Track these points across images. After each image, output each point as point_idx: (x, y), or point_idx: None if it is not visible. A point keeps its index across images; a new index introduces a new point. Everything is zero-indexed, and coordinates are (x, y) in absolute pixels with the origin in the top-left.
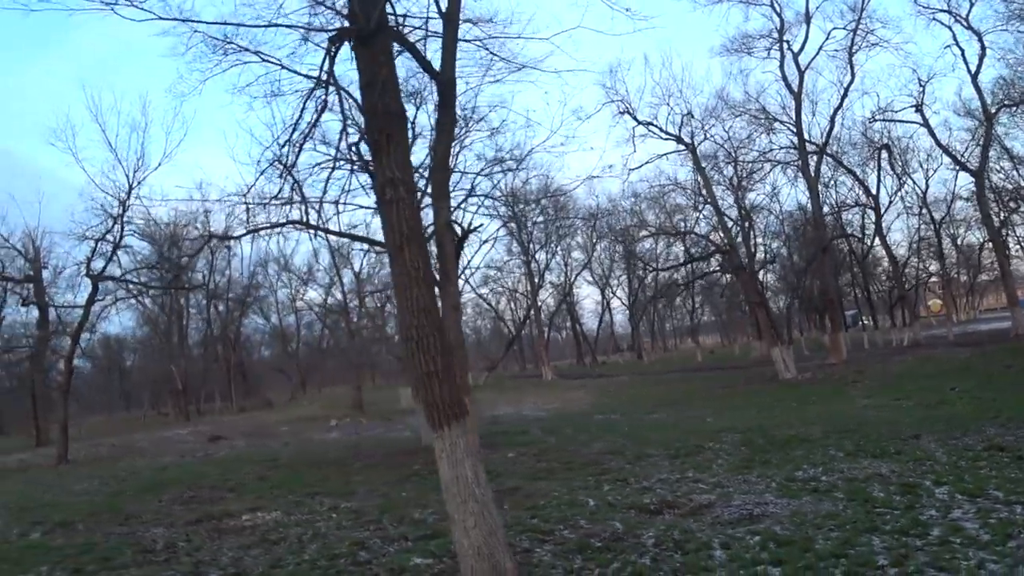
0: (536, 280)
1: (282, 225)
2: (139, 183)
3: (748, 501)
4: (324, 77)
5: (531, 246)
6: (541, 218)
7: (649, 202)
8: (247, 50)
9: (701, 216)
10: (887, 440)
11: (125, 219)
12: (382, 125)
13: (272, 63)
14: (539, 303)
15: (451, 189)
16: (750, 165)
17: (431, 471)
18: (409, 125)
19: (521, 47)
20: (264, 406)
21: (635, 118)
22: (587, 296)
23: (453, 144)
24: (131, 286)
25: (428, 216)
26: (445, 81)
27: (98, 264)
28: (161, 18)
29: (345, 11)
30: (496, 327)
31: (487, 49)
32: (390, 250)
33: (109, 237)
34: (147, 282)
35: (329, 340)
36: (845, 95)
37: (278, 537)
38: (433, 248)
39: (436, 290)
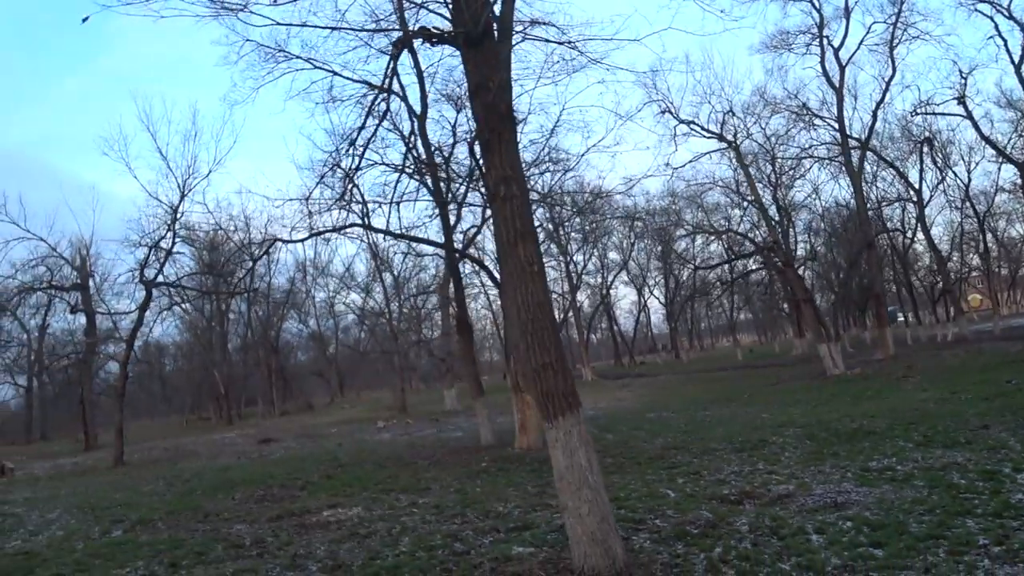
0: (574, 281)
1: (344, 228)
2: (190, 190)
3: (829, 490)
4: (386, 84)
5: (569, 247)
6: (578, 219)
7: (687, 201)
8: (299, 57)
9: (744, 215)
10: (955, 431)
11: (177, 226)
12: (494, 125)
13: (325, 70)
14: (577, 304)
15: None
16: (791, 161)
17: (499, 468)
18: (450, 129)
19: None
20: (305, 409)
21: (677, 117)
22: (624, 297)
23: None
24: (184, 291)
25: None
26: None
27: (147, 271)
28: (278, 23)
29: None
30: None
31: (578, 50)
32: (503, 246)
33: (163, 244)
34: (199, 287)
35: (367, 343)
36: (887, 89)
37: (367, 531)
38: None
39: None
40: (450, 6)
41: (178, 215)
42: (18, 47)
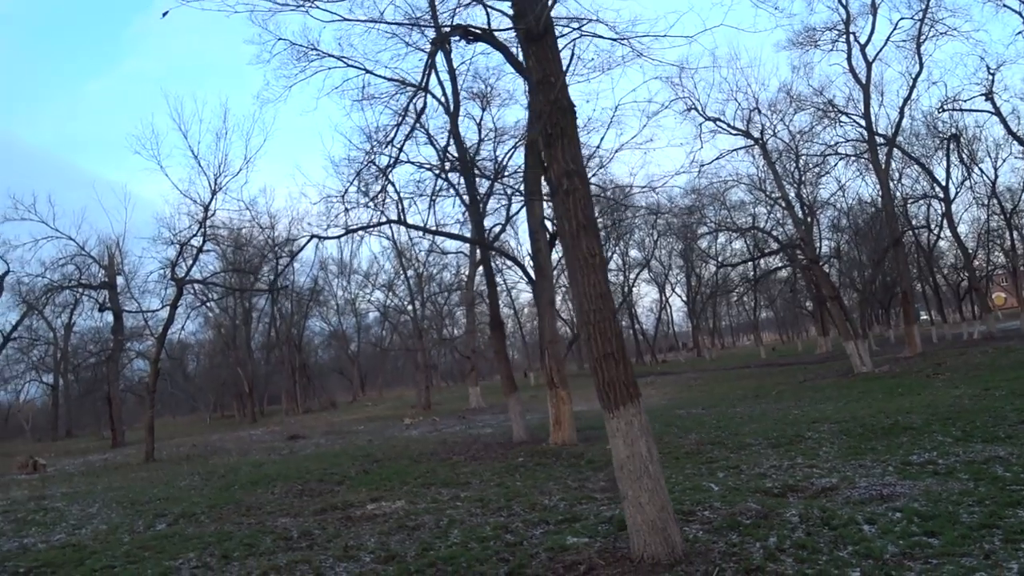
0: None
1: (381, 224)
2: (221, 188)
3: (873, 483)
4: (424, 82)
5: None
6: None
7: (710, 198)
8: (331, 56)
9: (771, 212)
10: (994, 426)
11: (208, 224)
12: (557, 120)
13: (358, 68)
14: None
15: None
16: (816, 158)
17: (536, 463)
18: (476, 126)
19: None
20: (328, 407)
21: (703, 114)
22: (645, 295)
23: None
24: (215, 288)
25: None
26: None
27: (177, 268)
28: (345, 19)
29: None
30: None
31: (631, 47)
32: (565, 239)
33: (193, 241)
34: (229, 284)
35: (389, 341)
36: (914, 86)
37: (415, 524)
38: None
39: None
40: (488, 5)
41: (209, 213)
42: (42, 50)
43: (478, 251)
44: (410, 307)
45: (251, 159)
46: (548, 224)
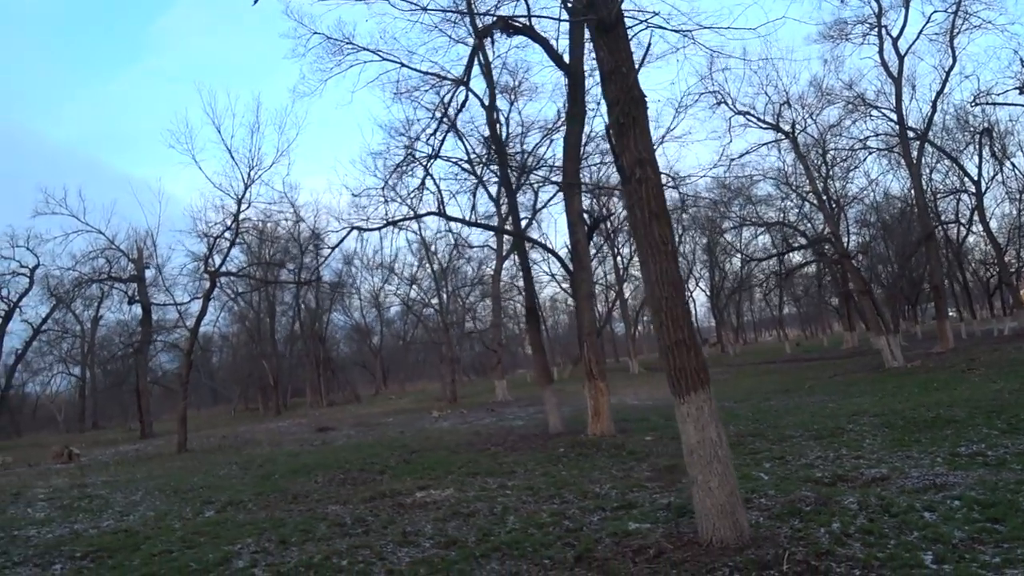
0: (621, 273)
1: (421, 216)
2: (254, 181)
3: (924, 473)
4: (466, 77)
5: (616, 239)
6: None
7: (735, 192)
8: (367, 49)
9: (801, 207)
10: None
11: (241, 217)
12: (629, 109)
13: (393, 61)
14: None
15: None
16: (844, 152)
17: (578, 454)
18: (504, 120)
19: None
20: (352, 400)
21: (733, 108)
22: None
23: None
24: (249, 281)
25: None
26: (574, 74)
27: (209, 261)
28: (426, 9)
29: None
30: (574, 321)
31: (691, 38)
32: (637, 227)
33: (227, 235)
34: (263, 277)
35: (413, 334)
36: (946, 80)
37: (468, 511)
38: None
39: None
40: None
41: (243, 205)
42: (64, 48)
43: (504, 245)
44: (435, 300)
45: (284, 151)
46: (586, 216)
